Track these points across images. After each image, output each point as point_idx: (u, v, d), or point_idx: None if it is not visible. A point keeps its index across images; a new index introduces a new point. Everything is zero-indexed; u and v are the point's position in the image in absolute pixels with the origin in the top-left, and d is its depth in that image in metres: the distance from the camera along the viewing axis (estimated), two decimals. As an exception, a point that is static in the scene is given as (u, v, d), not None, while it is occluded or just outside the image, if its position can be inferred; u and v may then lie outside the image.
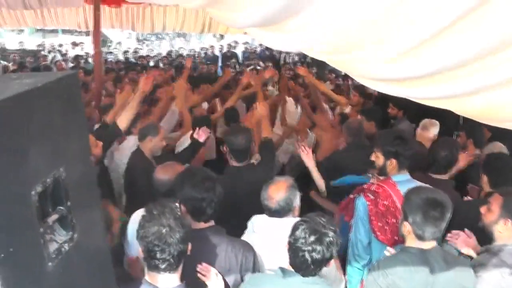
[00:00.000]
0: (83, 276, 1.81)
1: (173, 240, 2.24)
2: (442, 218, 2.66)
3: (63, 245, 1.65)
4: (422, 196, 2.72)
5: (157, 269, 2.30)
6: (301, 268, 2.51)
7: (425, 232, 2.68)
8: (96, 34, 7.79)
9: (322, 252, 2.45)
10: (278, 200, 3.09)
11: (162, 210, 2.30)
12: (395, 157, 3.57)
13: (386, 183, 3.55)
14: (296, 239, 2.49)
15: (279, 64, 15.87)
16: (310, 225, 2.50)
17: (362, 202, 3.55)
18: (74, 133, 1.78)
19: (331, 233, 2.49)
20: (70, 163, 1.71)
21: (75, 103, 1.80)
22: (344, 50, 2.28)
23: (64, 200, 1.67)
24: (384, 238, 3.42)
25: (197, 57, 19.21)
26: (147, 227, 2.27)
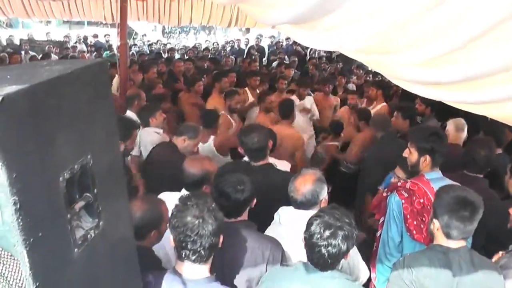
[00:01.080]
0: (107, 263, 1.82)
1: (205, 232, 2.24)
2: (472, 218, 2.61)
3: (89, 232, 1.67)
4: (452, 194, 2.67)
5: (188, 259, 2.30)
6: (318, 263, 2.49)
7: (454, 231, 2.64)
8: (123, 26, 7.79)
9: (338, 246, 2.43)
10: (305, 193, 3.08)
11: (196, 202, 2.29)
12: (430, 154, 3.50)
13: (420, 180, 3.49)
14: (311, 235, 2.48)
15: (305, 59, 15.77)
16: (324, 220, 2.48)
17: (396, 200, 3.51)
18: (101, 121, 1.78)
19: (346, 226, 2.47)
20: (97, 150, 1.72)
21: (104, 91, 1.81)
22: (379, 51, 2.26)
23: (91, 187, 1.68)
24: (420, 236, 3.37)
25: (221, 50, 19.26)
26: (179, 217, 2.27)
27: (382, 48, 2.20)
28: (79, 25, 25.38)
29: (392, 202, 3.54)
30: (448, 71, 2.00)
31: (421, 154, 3.53)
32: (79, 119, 1.62)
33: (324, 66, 13.21)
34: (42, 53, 14.83)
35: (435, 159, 3.50)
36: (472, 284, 2.63)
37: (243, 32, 25.85)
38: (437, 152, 3.49)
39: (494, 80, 1.91)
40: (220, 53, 18.21)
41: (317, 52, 17.05)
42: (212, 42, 22.47)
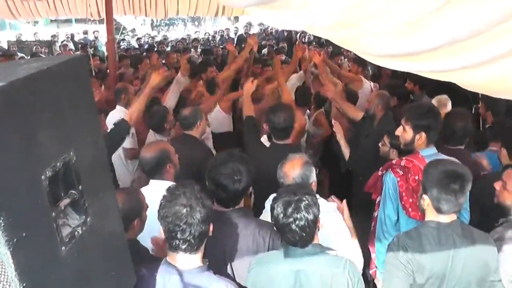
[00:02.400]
0: (98, 260, 1.80)
1: (194, 221, 2.24)
2: (462, 191, 2.62)
3: (76, 229, 1.65)
4: (441, 169, 2.68)
5: (178, 249, 2.30)
6: (295, 240, 2.53)
7: (444, 205, 2.64)
8: (109, 21, 7.78)
9: (304, 218, 2.47)
10: (294, 177, 3.08)
11: (183, 191, 2.29)
12: (425, 131, 3.52)
13: (415, 157, 3.51)
14: (276, 218, 2.52)
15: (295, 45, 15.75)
16: (283, 200, 2.53)
17: (391, 178, 3.54)
18: (83, 116, 1.76)
19: (305, 196, 2.52)
20: (81, 146, 1.70)
21: (84, 86, 1.78)
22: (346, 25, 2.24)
23: (76, 184, 1.66)
24: (416, 214, 3.39)
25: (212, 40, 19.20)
26: (168, 207, 2.27)
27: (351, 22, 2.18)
28: (67, 23, 25.22)
29: (388, 180, 3.56)
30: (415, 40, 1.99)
31: (416, 131, 3.54)
32: (60, 115, 1.60)
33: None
34: (30, 53, 14.76)
35: (430, 136, 3.52)
36: (466, 257, 2.64)
37: (232, 21, 25.76)
38: (432, 129, 3.51)
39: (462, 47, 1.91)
40: (210, 44, 18.15)
41: (306, 37, 17.03)
42: (204, 32, 22.41)
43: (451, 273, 2.63)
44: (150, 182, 3.53)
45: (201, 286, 2.28)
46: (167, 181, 3.34)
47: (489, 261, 2.68)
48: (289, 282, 2.53)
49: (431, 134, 3.52)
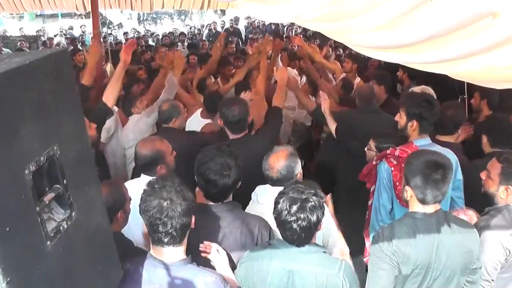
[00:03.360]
0: (84, 254, 1.81)
1: (175, 214, 2.22)
2: (444, 181, 2.63)
3: (62, 223, 1.65)
4: (422, 159, 2.69)
5: (161, 242, 2.29)
6: (292, 239, 2.52)
7: (427, 195, 2.66)
8: (95, 15, 7.72)
9: (307, 219, 2.45)
10: (279, 169, 3.10)
11: (163, 184, 2.28)
12: (417, 120, 3.55)
13: (409, 148, 3.53)
14: (279, 213, 2.50)
15: (283, 38, 15.75)
16: (289, 196, 2.50)
17: (386, 168, 3.57)
18: (66, 110, 1.76)
19: (312, 197, 2.49)
20: (64, 141, 1.70)
21: (67, 80, 1.77)
22: (332, 19, 2.25)
23: (60, 179, 1.66)
24: None
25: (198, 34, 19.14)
26: (148, 201, 2.26)
27: (335, 17, 2.19)
28: (53, 18, 25.06)
29: (382, 170, 3.60)
30: (406, 32, 2.01)
31: (409, 119, 3.58)
32: (43, 109, 1.60)
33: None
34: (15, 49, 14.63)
35: (422, 125, 3.55)
36: (451, 245, 2.66)
37: (219, 15, 25.66)
38: (425, 119, 3.53)
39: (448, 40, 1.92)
40: (197, 37, 18.09)
41: (293, 30, 17.04)
42: (190, 26, 22.34)
43: (436, 262, 2.65)
44: (141, 176, 3.52)
45: (187, 278, 2.28)
46: None
47: (472, 248, 2.72)
48: (282, 280, 2.52)
49: (423, 124, 3.54)
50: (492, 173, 3.01)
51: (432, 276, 2.68)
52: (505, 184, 2.95)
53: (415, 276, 2.69)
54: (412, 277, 2.69)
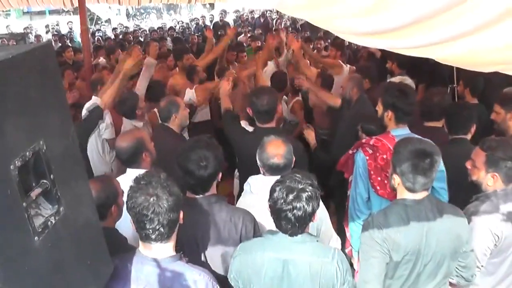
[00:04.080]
0: (73, 249, 1.80)
1: (161, 210, 2.20)
2: (431, 169, 2.64)
3: (50, 218, 1.64)
4: (410, 147, 2.69)
5: (149, 239, 2.27)
6: (286, 228, 2.51)
7: (415, 183, 2.67)
8: (82, 11, 7.67)
9: (303, 208, 2.44)
10: (284, 154, 3.10)
11: (149, 180, 2.25)
12: (392, 109, 3.57)
13: (384, 137, 3.57)
14: (275, 201, 2.49)
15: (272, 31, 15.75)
16: (286, 185, 2.49)
17: (361, 157, 3.59)
18: (52, 105, 1.74)
19: (309, 188, 2.48)
20: (51, 136, 1.69)
21: (52, 74, 1.76)
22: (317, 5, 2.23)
23: (47, 174, 1.65)
24: (384, 192, 3.45)
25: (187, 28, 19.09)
26: (134, 198, 2.23)
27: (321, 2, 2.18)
28: (40, 14, 24.89)
29: (358, 159, 3.63)
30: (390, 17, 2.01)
31: (385, 109, 3.62)
32: (28, 104, 1.58)
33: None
34: (1, 47, 14.55)
35: (397, 115, 3.58)
36: (440, 231, 2.68)
37: (207, 8, 25.61)
38: (399, 109, 3.55)
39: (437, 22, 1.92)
40: (186, 32, 18.04)
41: (283, 22, 17.03)
42: (178, 21, 22.27)
43: (426, 248, 2.67)
44: (127, 171, 3.51)
45: (175, 275, 2.27)
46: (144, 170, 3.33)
47: (461, 233, 2.73)
48: (276, 270, 2.52)
49: (398, 114, 3.57)
50: (477, 162, 3.03)
51: (422, 261, 2.70)
52: (491, 171, 2.97)
53: (406, 263, 2.70)
54: (403, 264, 2.70)
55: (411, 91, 3.70)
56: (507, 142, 3.01)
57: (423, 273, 2.73)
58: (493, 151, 2.96)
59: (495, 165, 2.95)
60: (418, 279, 2.75)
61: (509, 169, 2.93)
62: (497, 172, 2.95)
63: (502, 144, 2.98)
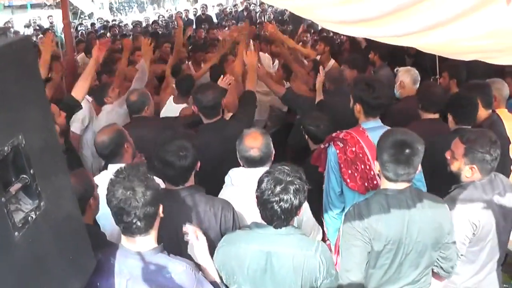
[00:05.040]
0: (55, 244, 1.78)
1: (138, 203, 2.19)
2: (410, 160, 2.65)
3: (30, 213, 1.62)
4: (391, 138, 2.71)
5: (129, 232, 2.27)
6: (272, 220, 2.52)
7: (394, 174, 2.69)
8: (64, 4, 7.62)
9: (290, 201, 2.45)
10: (260, 147, 3.12)
11: (127, 173, 2.25)
12: (359, 102, 3.60)
13: (354, 130, 3.60)
14: (262, 192, 2.49)
15: (256, 24, 15.73)
16: (274, 176, 2.50)
17: (332, 151, 3.60)
18: (31, 99, 1.72)
19: (297, 180, 2.49)
20: (30, 130, 1.67)
21: (30, 69, 1.74)
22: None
23: (27, 168, 1.63)
24: (354, 185, 3.46)
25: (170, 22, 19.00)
26: (112, 191, 2.23)
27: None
28: (22, 9, 24.63)
29: (330, 153, 3.63)
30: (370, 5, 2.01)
31: (354, 101, 3.65)
32: (6, 99, 1.56)
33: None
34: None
35: (365, 108, 3.60)
36: (421, 221, 2.70)
37: (191, 2, 25.53)
38: (365, 102, 3.58)
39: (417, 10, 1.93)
40: (169, 26, 17.96)
41: (266, 15, 17.02)
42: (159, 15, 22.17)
43: (407, 238, 2.69)
44: (108, 167, 3.48)
45: (157, 267, 2.27)
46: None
47: (443, 223, 2.76)
48: (260, 262, 2.53)
49: (365, 107, 3.59)
50: (456, 153, 3.06)
51: (404, 251, 2.72)
52: (469, 163, 3.00)
53: (387, 252, 2.72)
54: (385, 253, 2.73)
55: (379, 85, 3.68)
56: (486, 135, 3.04)
57: (405, 262, 2.76)
58: (471, 144, 2.98)
59: (473, 157, 2.98)
60: (400, 269, 2.78)
61: (487, 162, 2.96)
62: (475, 165, 2.99)
63: (480, 137, 3.01)
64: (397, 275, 2.80)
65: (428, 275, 2.88)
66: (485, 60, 2.59)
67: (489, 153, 2.94)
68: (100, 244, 2.42)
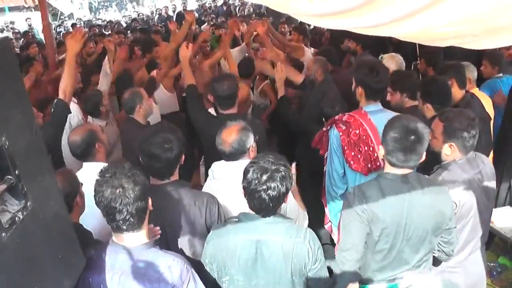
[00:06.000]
0: (43, 243, 1.79)
1: (129, 200, 2.21)
2: (415, 147, 2.66)
3: (17, 214, 1.63)
4: (397, 124, 2.72)
5: (121, 230, 2.29)
6: (260, 209, 2.55)
7: (397, 160, 2.71)
8: (43, 6, 7.54)
9: (277, 188, 2.48)
10: (231, 143, 3.15)
11: (114, 171, 2.26)
12: (361, 86, 3.66)
13: (357, 113, 3.66)
14: (249, 182, 2.52)
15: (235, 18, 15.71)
16: (259, 165, 2.52)
17: (335, 133, 3.66)
18: (12, 99, 1.71)
19: (282, 168, 2.53)
20: (13, 131, 1.67)
21: (10, 70, 1.73)
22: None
23: (12, 169, 1.63)
24: (357, 166, 3.52)
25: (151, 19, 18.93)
26: (101, 192, 2.24)
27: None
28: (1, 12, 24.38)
29: (332, 135, 3.69)
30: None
31: (356, 85, 3.71)
32: (-13, 101, 1.57)
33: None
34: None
35: (367, 92, 3.66)
36: (422, 206, 2.73)
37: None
38: (368, 86, 3.63)
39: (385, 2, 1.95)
40: (149, 23, 17.88)
41: (245, 9, 17.01)
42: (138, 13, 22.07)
43: (408, 223, 2.72)
44: (83, 165, 3.52)
45: (149, 262, 2.29)
46: (100, 163, 3.36)
47: (444, 209, 2.78)
48: (250, 252, 2.56)
49: (367, 90, 3.65)
50: (436, 132, 3.12)
51: (404, 236, 2.74)
52: (448, 141, 3.07)
53: (386, 236, 2.75)
54: (384, 237, 2.76)
55: (382, 69, 3.74)
56: (464, 113, 3.11)
57: (405, 247, 2.78)
58: (450, 122, 3.06)
59: (452, 135, 3.05)
60: (401, 254, 2.80)
61: (465, 139, 3.03)
62: (453, 142, 3.05)
63: (458, 115, 3.09)
64: (398, 260, 2.82)
65: (428, 260, 2.91)
66: (460, 45, 2.63)
67: (467, 130, 3.01)
68: (88, 243, 2.43)
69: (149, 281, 2.27)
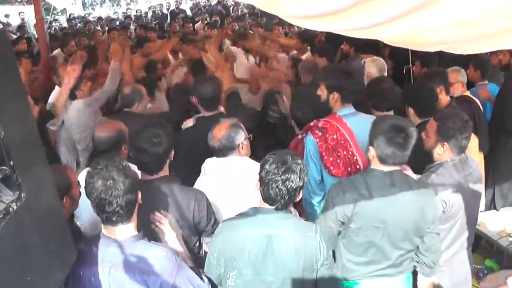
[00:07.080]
0: (36, 234, 1.80)
1: (119, 192, 2.23)
2: (405, 144, 2.73)
3: (11, 204, 1.64)
4: (387, 122, 2.80)
5: (110, 222, 2.31)
6: (275, 199, 2.55)
7: (388, 157, 2.76)
8: (36, 0, 7.51)
9: (296, 180, 2.51)
10: (220, 138, 3.17)
11: (105, 164, 2.28)
12: (338, 91, 3.64)
13: (332, 118, 3.65)
14: (267, 172, 2.53)
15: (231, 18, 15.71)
16: (279, 157, 2.54)
17: (311, 140, 3.63)
18: (9, 91, 1.73)
19: (299, 161, 2.56)
20: (9, 122, 1.67)
21: (7, 60, 1.74)
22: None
23: (6, 160, 1.64)
24: (338, 171, 3.52)
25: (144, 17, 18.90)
26: (91, 183, 2.26)
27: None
28: (-7, 4, 24.21)
29: (308, 142, 3.66)
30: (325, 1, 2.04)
31: (330, 91, 3.67)
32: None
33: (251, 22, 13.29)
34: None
35: (343, 96, 3.66)
36: (404, 204, 2.79)
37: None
38: (345, 89, 3.64)
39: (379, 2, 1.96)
40: (143, 20, 17.86)
41: (240, 10, 17.03)
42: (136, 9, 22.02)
43: (388, 220, 2.78)
44: None
45: (138, 254, 2.31)
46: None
47: (425, 209, 2.83)
48: (261, 246, 2.56)
49: (344, 94, 3.65)
50: (429, 132, 3.21)
51: (385, 232, 2.80)
52: (441, 140, 3.14)
53: (365, 230, 2.81)
54: (363, 231, 2.82)
55: (353, 71, 3.80)
56: (458, 114, 3.19)
57: (386, 243, 2.84)
58: (443, 121, 3.13)
59: (445, 135, 3.12)
60: (382, 250, 2.87)
61: (457, 140, 3.10)
62: (446, 142, 3.12)
63: (452, 116, 3.17)
64: (379, 255, 2.88)
65: (410, 260, 2.96)
66: (450, 51, 2.64)
67: (460, 131, 3.08)
68: (76, 238, 2.43)
69: (140, 273, 2.28)
